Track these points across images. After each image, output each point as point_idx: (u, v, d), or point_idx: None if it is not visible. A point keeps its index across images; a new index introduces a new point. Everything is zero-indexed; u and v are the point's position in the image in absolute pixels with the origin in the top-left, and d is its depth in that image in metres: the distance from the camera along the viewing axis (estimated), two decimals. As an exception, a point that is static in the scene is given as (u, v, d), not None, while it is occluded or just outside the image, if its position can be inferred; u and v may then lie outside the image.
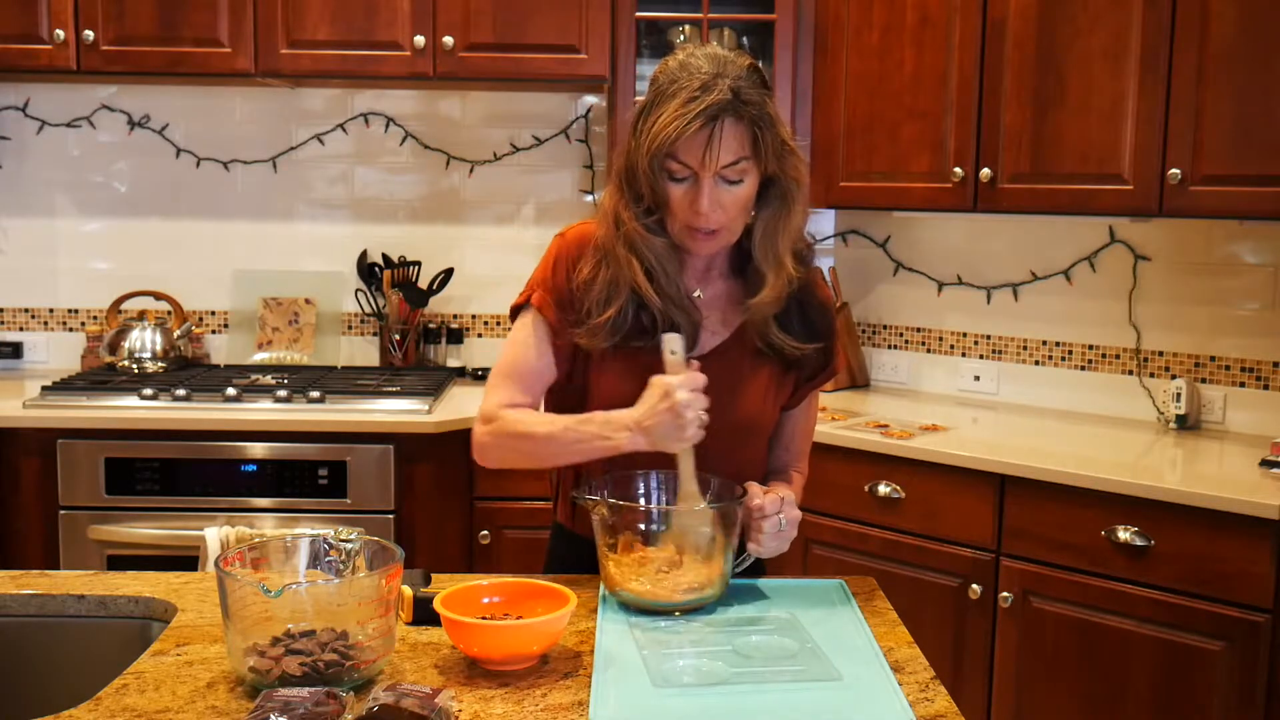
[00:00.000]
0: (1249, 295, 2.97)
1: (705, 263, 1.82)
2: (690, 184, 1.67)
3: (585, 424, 1.69)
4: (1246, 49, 2.60)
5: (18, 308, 3.73)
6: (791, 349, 1.80)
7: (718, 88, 1.62)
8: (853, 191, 3.27)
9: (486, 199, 3.73)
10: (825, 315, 1.86)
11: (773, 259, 1.75)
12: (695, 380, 1.61)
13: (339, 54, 3.27)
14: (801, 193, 1.74)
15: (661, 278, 1.74)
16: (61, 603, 1.68)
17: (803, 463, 1.96)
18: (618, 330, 1.74)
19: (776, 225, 1.74)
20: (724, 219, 1.69)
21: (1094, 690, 2.60)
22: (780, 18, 3.28)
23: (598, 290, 1.75)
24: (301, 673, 1.33)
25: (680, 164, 1.66)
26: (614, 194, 1.76)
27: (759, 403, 1.82)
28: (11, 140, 3.66)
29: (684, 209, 1.68)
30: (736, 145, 1.64)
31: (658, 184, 1.69)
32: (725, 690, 1.39)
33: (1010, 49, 2.93)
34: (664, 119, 1.63)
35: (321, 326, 3.72)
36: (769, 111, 1.67)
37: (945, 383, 3.54)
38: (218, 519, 2.92)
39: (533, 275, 1.84)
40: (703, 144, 1.62)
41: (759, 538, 1.68)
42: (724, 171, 1.65)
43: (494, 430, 1.77)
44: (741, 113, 1.63)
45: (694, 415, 1.60)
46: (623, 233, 1.73)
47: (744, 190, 1.69)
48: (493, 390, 1.80)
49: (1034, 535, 2.67)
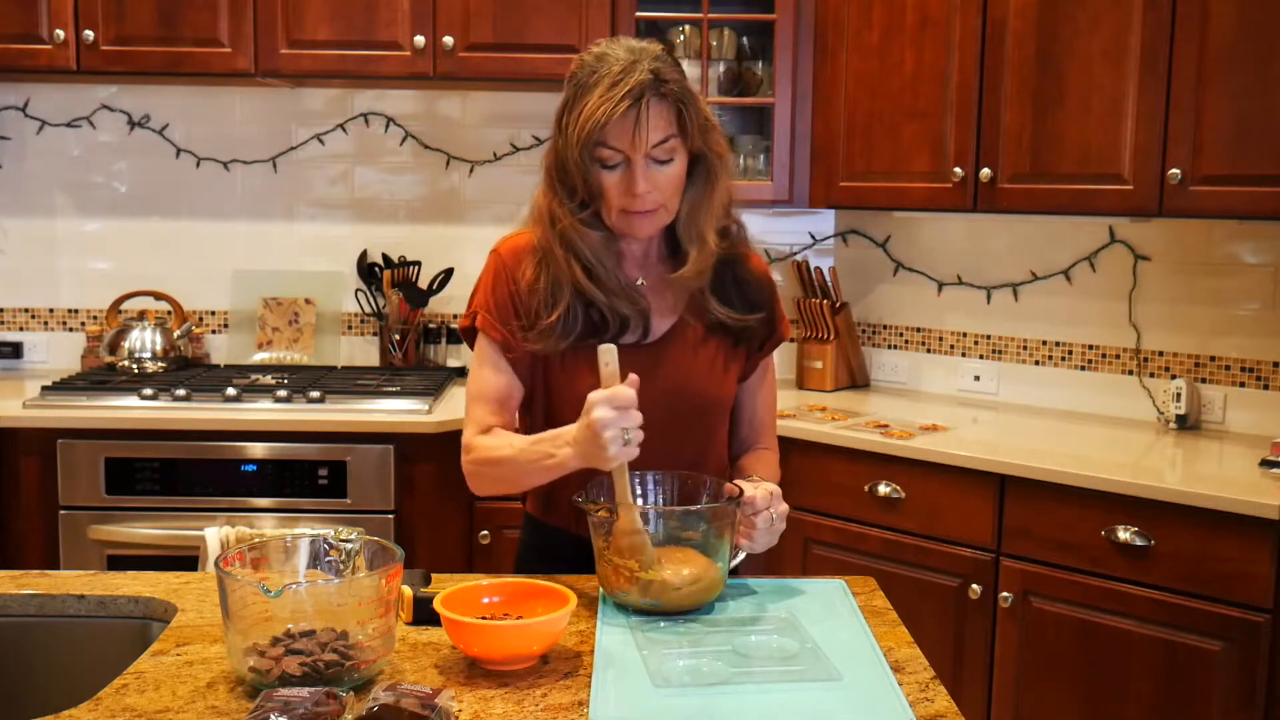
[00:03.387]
0: (1249, 295, 2.97)
1: (643, 250, 1.84)
2: (623, 169, 1.71)
3: (538, 443, 1.71)
4: (1246, 49, 2.60)
5: (18, 308, 3.73)
6: (734, 321, 1.83)
7: (638, 70, 1.67)
8: (853, 191, 3.27)
9: (486, 199, 3.73)
10: (761, 287, 1.89)
11: (695, 235, 1.78)
12: (619, 397, 1.56)
13: (339, 54, 3.27)
14: (724, 168, 1.79)
15: (600, 271, 1.76)
16: (61, 603, 1.68)
17: (770, 437, 1.98)
18: (569, 331, 1.77)
19: (700, 202, 1.78)
20: (659, 199, 1.73)
21: (1094, 690, 2.60)
22: (780, 18, 3.28)
23: (542, 293, 1.77)
24: (301, 673, 1.33)
25: (611, 149, 1.69)
26: (546, 193, 1.79)
27: (714, 378, 1.84)
28: (11, 140, 3.66)
29: (619, 194, 1.72)
30: (664, 124, 1.69)
31: (590, 174, 1.72)
32: (725, 690, 1.39)
33: (1010, 49, 2.93)
34: (589, 107, 1.67)
35: (321, 326, 3.72)
36: (688, 88, 1.73)
37: (945, 383, 3.54)
38: (218, 519, 2.92)
39: (473, 297, 1.87)
40: (631, 125, 1.67)
41: (751, 533, 1.69)
42: (654, 152, 1.69)
43: (473, 459, 1.81)
44: (664, 91, 1.68)
45: (613, 434, 1.55)
46: (558, 230, 1.76)
47: (675, 169, 1.73)
48: (468, 420, 1.84)
49: (1034, 535, 2.67)
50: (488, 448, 1.78)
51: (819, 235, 3.72)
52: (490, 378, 1.83)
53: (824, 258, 3.71)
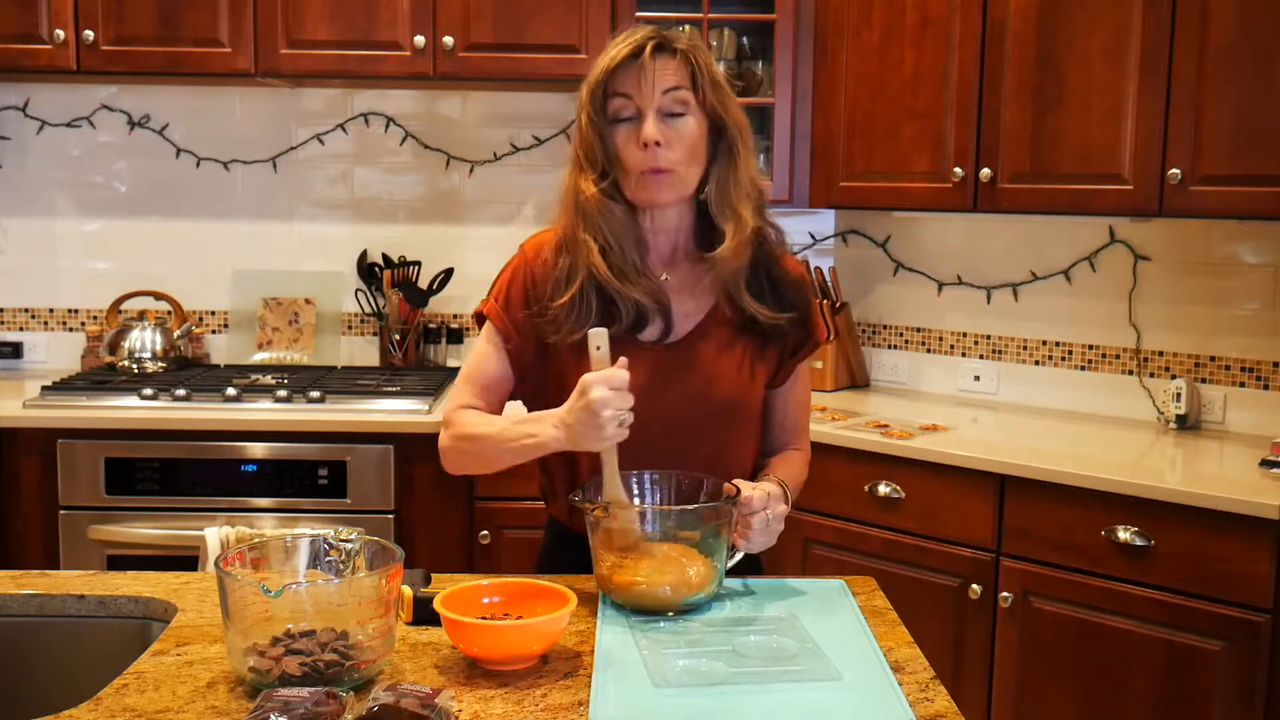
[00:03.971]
0: (1249, 295, 2.97)
1: (670, 244, 1.84)
2: (636, 123, 1.72)
3: (520, 423, 1.71)
4: (1246, 49, 2.60)
5: (18, 308, 3.73)
6: (766, 318, 1.81)
7: (644, 31, 1.73)
8: (853, 191, 3.27)
9: (486, 199, 3.73)
10: (797, 288, 1.87)
11: (729, 210, 1.78)
12: (615, 378, 1.59)
13: (339, 54, 3.27)
14: (745, 139, 1.80)
15: (616, 254, 1.75)
16: (61, 603, 1.68)
17: (802, 440, 1.96)
18: (583, 319, 1.75)
19: (728, 176, 1.78)
20: (673, 158, 1.73)
21: (1094, 690, 2.60)
22: (780, 18, 3.28)
23: (557, 278, 1.78)
24: (301, 673, 1.33)
25: (622, 97, 1.72)
26: (572, 172, 1.80)
27: (739, 380, 1.82)
28: (11, 140, 3.66)
29: (633, 150, 1.72)
30: (672, 75, 1.72)
31: (605, 132, 1.74)
32: (725, 690, 1.39)
33: (1010, 49, 2.93)
34: (600, 61, 1.74)
35: (321, 326, 3.72)
36: (700, 48, 1.76)
37: (945, 383, 3.54)
38: (218, 519, 2.92)
39: (492, 286, 1.88)
40: (637, 71, 1.70)
41: (748, 533, 1.68)
42: (664, 102, 1.72)
43: (451, 434, 1.81)
44: (671, 48, 1.73)
45: (611, 414, 1.58)
46: (580, 206, 1.76)
47: (689, 126, 1.74)
48: (452, 396, 1.85)
49: (1034, 535, 2.67)
50: (467, 424, 1.78)
51: (819, 235, 3.72)
52: (484, 362, 1.84)
53: (824, 258, 3.71)
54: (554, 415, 1.66)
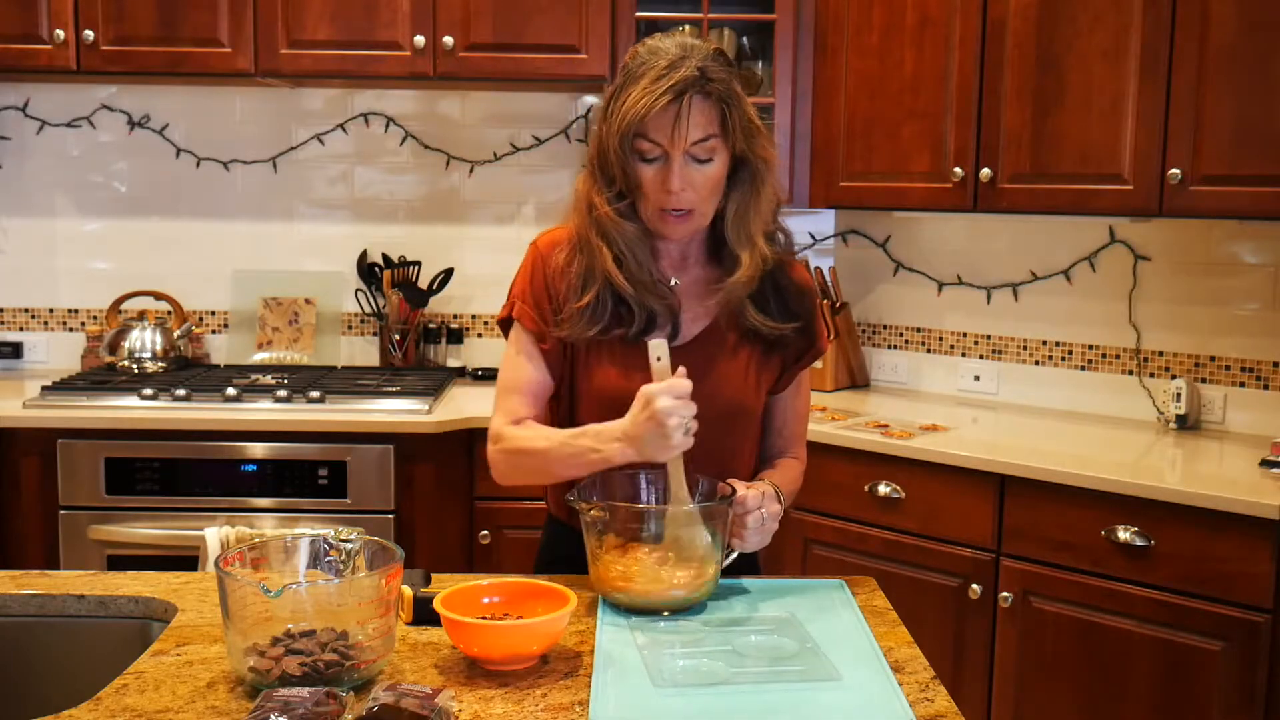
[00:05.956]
0: (1249, 295, 2.97)
1: (680, 251, 1.84)
2: (661, 164, 1.70)
3: (579, 437, 1.70)
4: (1246, 49, 2.60)
5: (18, 308, 3.73)
6: (769, 330, 1.81)
7: (685, 66, 1.66)
8: (853, 191, 3.27)
9: (486, 199, 3.73)
10: (802, 297, 1.86)
11: (745, 239, 1.77)
12: (678, 387, 1.59)
13: (339, 54, 3.27)
14: (771, 173, 1.77)
15: (632, 264, 1.75)
16: (61, 603, 1.68)
17: (799, 448, 1.95)
18: (597, 319, 1.76)
19: (748, 206, 1.77)
20: (695, 199, 1.72)
21: (1094, 690, 2.60)
22: (780, 18, 3.28)
23: (573, 278, 1.77)
24: (301, 673, 1.33)
25: (650, 142, 1.69)
26: (587, 180, 1.79)
27: (742, 387, 1.82)
28: (11, 140, 3.66)
29: (655, 189, 1.71)
30: (705, 122, 1.68)
31: (629, 165, 1.71)
32: (725, 690, 1.39)
33: (1010, 49, 2.93)
34: (632, 98, 1.67)
35: (321, 326, 3.72)
36: (735, 89, 1.71)
37: (945, 383, 3.54)
38: (218, 519, 2.92)
39: (512, 288, 1.87)
40: (671, 120, 1.66)
41: (742, 533, 1.68)
42: (693, 150, 1.68)
43: (502, 448, 1.80)
44: (709, 90, 1.67)
45: (678, 422, 1.58)
46: (594, 218, 1.75)
47: (714, 170, 1.71)
48: (497, 409, 1.83)
49: (1034, 535, 2.67)
50: (520, 438, 1.77)
51: (819, 235, 3.72)
52: (523, 368, 1.82)
53: (824, 258, 3.71)
54: (616, 428, 1.65)
